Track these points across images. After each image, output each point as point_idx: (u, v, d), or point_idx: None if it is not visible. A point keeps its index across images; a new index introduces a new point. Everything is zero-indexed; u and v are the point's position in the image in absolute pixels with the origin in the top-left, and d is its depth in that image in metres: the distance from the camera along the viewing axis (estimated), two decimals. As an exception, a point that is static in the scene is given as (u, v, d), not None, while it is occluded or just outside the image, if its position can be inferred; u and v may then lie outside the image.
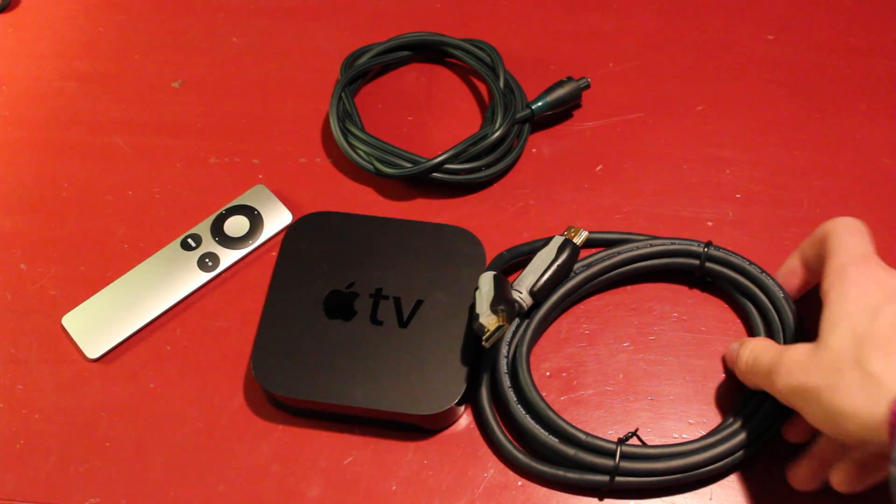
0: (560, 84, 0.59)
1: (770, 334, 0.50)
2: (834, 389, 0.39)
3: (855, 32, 0.64)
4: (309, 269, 0.52)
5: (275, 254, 0.54)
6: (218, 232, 0.56)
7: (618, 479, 0.46)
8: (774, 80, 0.62)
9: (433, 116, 0.61)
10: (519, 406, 0.48)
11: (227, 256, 0.55)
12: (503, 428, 0.49)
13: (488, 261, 0.52)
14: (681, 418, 0.50)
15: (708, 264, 0.52)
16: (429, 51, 0.64)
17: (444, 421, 0.50)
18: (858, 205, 0.56)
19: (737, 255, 0.52)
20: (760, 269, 0.51)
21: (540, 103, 0.59)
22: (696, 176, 0.58)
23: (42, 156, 0.61)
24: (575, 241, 0.51)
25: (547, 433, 0.47)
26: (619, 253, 0.52)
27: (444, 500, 0.48)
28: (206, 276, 0.55)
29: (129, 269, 0.55)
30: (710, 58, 0.63)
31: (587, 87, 0.60)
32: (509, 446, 0.48)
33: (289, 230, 0.54)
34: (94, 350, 0.52)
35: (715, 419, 0.50)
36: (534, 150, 0.60)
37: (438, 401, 0.48)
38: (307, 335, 0.50)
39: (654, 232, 0.55)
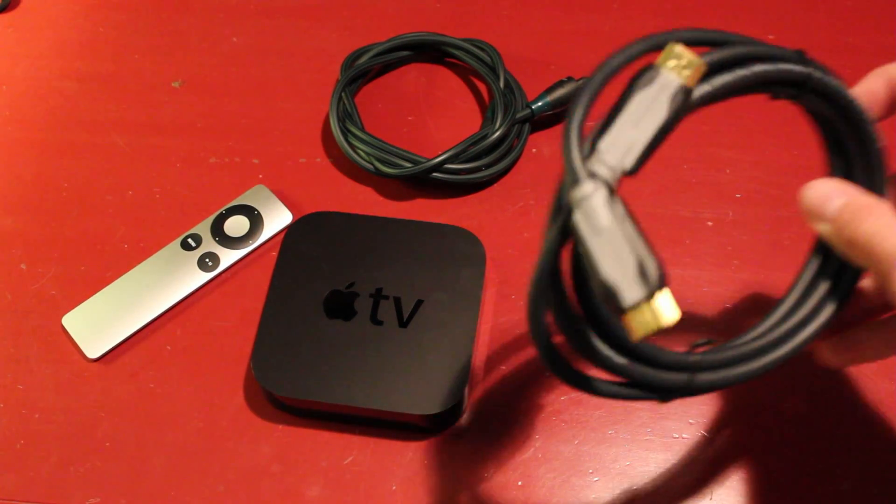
0: (560, 84, 0.59)
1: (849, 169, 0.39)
2: None
3: (855, 32, 0.64)
4: (309, 269, 0.52)
5: (275, 254, 0.54)
6: (218, 232, 0.56)
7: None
8: (774, 80, 0.62)
9: (433, 116, 0.61)
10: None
11: (227, 256, 0.55)
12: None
13: (488, 261, 0.52)
14: (681, 418, 0.50)
15: (806, 94, 0.40)
16: (429, 51, 0.64)
17: (444, 421, 0.50)
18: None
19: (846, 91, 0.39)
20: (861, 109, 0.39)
21: (540, 103, 0.59)
22: (696, 176, 0.58)
23: (42, 156, 0.61)
24: (688, 83, 0.32)
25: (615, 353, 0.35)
26: (710, 79, 0.35)
27: (443, 500, 0.48)
28: (206, 276, 0.55)
29: (129, 269, 0.55)
30: (710, 58, 0.63)
31: None
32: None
33: (289, 230, 0.54)
34: (94, 350, 0.52)
35: (712, 419, 0.50)
36: (534, 150, 0.60)
37: (438, 401, 0.48)
38: (307, 335, 0.50)
39: (654, 230, 0.54)
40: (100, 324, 0.53)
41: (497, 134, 0.57)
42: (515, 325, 0.53)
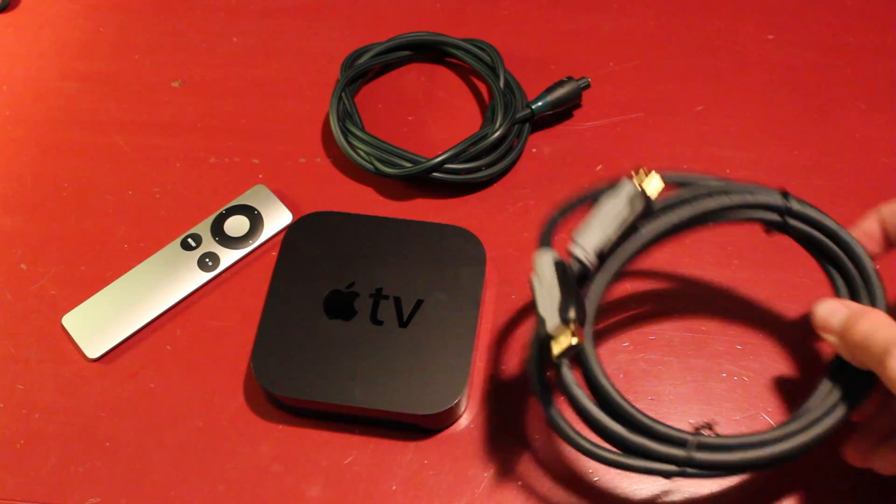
0: (560, 84, 0.59)
1: (852, 292, 0.45)
2: None
3: (855, 32, 0.64)
4: (309, 268, 0.52)
5: (275, 254, 0.54)
6: (218, 232, 0.56)
7: (689, 470, 0.41)
8: (774, 80, 0.62)
9: (433, 116, 0.61)
10: (579, 390, 0.42)
11: (227, 256, 0.55)
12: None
13: (488, 261, 0.52)
14: (680, 419, 0.50)
15: (790, 221, 0.45)
16: (429, 51, 0.64)
17: (443, 421, 0.50)
18: (859, 204, 0.56)
19: (821, 212, 0.46)
20: (848, 232, 0.46)
21: (540, 103, 0.59)
22: (696, 176, 0.58)
23: (42, 156, 0.61)
24: (648, 192, 0.42)
25: (613, 420, 0.41)
26: (691, 202, 0.44)
27: (444, 500, 0.48)
28: (206, 276, 0.55)
29: (129, 269, 0.55)
30: (710, 58, 0.63)
31: (587, 86, 0.60)
32: (572, 433, 0.42)
33: (289, 230, 0.54)
34: (94, 350, 0.52)
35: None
36: (534, 150, 0.60)
37: (438, 401, 0.48)
38: (307, 335, 0.50)
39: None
40: (100, 324, 0.53)
41: (497, 134, 0.56)
42: (515, 325, 0.53)
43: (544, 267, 0.41)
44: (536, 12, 0.66)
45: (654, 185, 0.42)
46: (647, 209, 0.42)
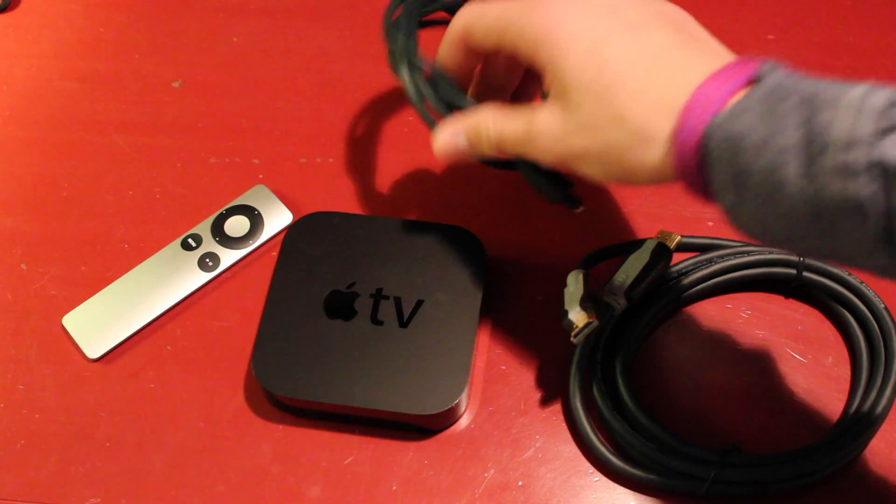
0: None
1: (870, 345, 0.50)
2: (606, 152, 0.39)
3: (855, 32, 0.64)
4: (309, 269, 0.52)
5: (275, 254, 0.54)
6: (218, 232, 0.56)
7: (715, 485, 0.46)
8: (774, 80, 0.62)
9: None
10: (615, 414, 0.48)
11: (228, 256, 0.55)
12: (597, 432, 0.49)
13: (489, 261, 0.52)
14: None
15: (805, 273, 0.51)
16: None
17: (444, 421, 0.50)
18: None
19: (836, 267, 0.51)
20: (859, 279, 0.50)
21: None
22: (696, 176, 0.58)
23: (42, 156, 0.61)
24: (669, 244, 0.50)
25: (644, 440, 0.47)
26: (713, 262, 0.52)
27: (444, 500, 0.48)
28: (206, 276, 0.55)
29: (129, 269, 0.55)
30: (711, 58, 0.63)
31: None
32: (602, 448, 0.48)
33: (289, 230, 0.54)
34: (94, 350, 0.52)
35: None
36: (534, 150, 0.59)
37: (438, 401, 0.48)
38: (307, 335, 0.50)
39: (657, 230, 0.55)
40: (100, 324, 0.53)
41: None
42: (515, 325, 0.53)
43: (571, 278, 0.49)
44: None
45: (674, 240, 0.50)
46: (669, 257, 0.50)
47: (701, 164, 0.36)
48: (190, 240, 0.56)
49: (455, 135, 0.45)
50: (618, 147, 0.38)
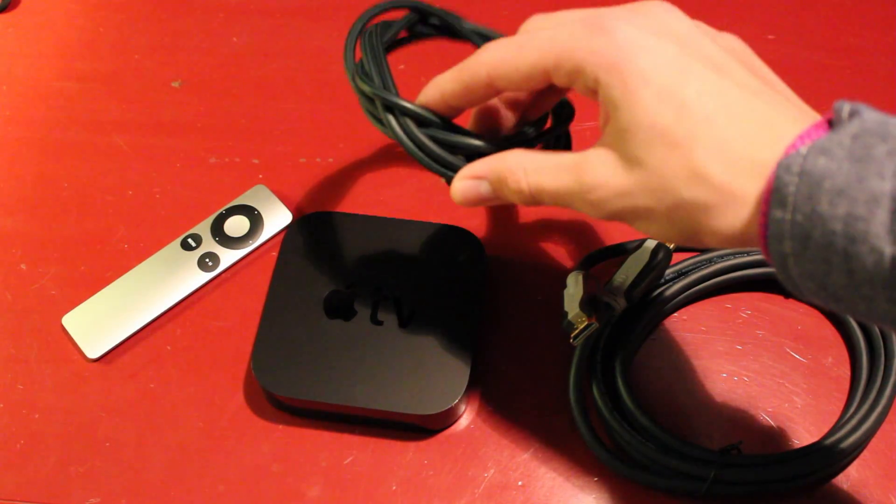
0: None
1: (870, 345, 0.50)
2: (677, 212, 0.33)
3: (855, 32, 0.64)
4: (309, 269, 0.52)
5: (275, 254, 0.54)
6: (218, 232, 0.56)
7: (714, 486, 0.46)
8: (774, 80, 0.62)
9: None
10: (615, 414, 0.48)
11: (227, 256, 0.55)
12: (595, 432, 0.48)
13: (490, 261, 0.52)
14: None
15: None
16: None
17: (444, 421, 0.50)
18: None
19: None
20: None
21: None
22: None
23: (42, 156, 0.61)
24: (668, 245, 0.50)
25: (643, 441, 0.47)
26: (713, 262, 0.52)
27: (444, 500, 0.48)
28: (206, 276, 0.55)
29: (129, 269, 0.55)
30: (710, 58, 0.63)
31: None
32: (602, 449, 0.48)
33: (289, 230, 0.54)
34: (94, 350, 0.52)
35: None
36: (534, 150, 0.59)
37: (438, 401, 0.48)
38: (307, 335, 0.50)
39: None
40: (100, 324, 0.53)
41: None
42: (515, 325, 0.53)
43: (571, 279, 0.48)
44: (536, 11, 0.66)
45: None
46: (668, 257, 0.49)
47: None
48: (190, 240, 0.56)
49: (477, 186, 0.40)
50: (694, 207, 0.33)
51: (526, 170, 0.38)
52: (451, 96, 0.40)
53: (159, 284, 0.54)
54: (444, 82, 0.40)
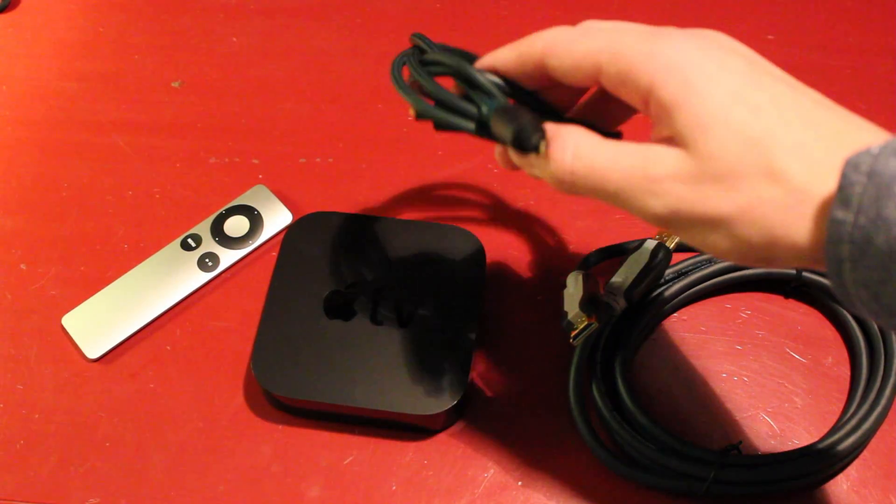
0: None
1: (870, 345, 0.50)
2: (749, 213, 0.31)
3: (855, 32, 0.64)
4: (309, 269, 0.52)
5: (275, 254, 0.54)
6: (218, 232, 0.56)
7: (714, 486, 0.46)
8: (774, 80, 0.62)
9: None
10: (615, 414, 0.48)
11: (227, 256, 0.55)
12: (595, 432, 0.48)
13: (489, 261, 0.52)
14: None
15: (805, 273, 0.51)
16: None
17: (443, 421, 0.50)
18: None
19: None
20: None
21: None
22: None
23: (42, 156, 0.61)
24: (668, 244, 0.49)
25: (643, 441, 0.47)
26: (713, 261, 0.52)
27: (444, 500, 0.48)
28: (206, 276, 0.55)
29: (129, 269, 0.55)
30: (710, 58, 0.63)
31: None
32: (602, 449, 0.48)
33: (289, 230, 0.54)
34: (94, 350, 0.52)
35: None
36: (534, 150, 0.59)
37: (439, 401, 0.48)
38: (307, 335, 0.50)
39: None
40: (100, 324, 0.53)
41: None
42: (515, 325, 0.53)
43: (571, 279, 0.48)
44: (537, 12, 0.66)
45: (674, 240, 0.49)
46: (668, 257, 0.49)
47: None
48: (190, 240, 0.56)
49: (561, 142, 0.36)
50: (768, 207, 0.31)
51: (591, 144, 0.35)
52: (504, 63, 0.38)
53: (159, 284, 0.54)
54: (499, 51, 0.39)
